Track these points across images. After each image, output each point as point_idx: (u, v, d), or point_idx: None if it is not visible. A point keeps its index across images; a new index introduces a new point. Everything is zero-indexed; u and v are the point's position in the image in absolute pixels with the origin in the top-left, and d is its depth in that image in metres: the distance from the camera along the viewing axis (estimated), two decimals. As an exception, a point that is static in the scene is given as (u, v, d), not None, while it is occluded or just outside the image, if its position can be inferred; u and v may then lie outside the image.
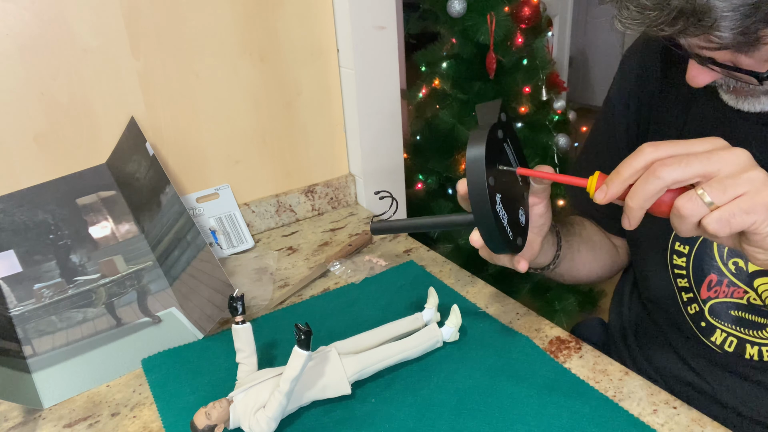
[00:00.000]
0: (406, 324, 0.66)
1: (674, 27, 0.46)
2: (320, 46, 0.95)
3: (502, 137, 0.52)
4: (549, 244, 0.66)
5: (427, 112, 1.79)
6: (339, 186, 1.05)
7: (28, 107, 0.77)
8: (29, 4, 0.73)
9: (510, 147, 0.54)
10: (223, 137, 0.92)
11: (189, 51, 0.85)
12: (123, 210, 0.84)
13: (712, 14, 0.44)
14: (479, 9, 1.58)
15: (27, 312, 0.74)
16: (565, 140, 1.76)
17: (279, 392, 0.53)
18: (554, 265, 0.68)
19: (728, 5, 0.44)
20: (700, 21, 0.45)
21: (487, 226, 0.49)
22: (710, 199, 0.42)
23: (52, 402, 0.63)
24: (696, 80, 0.54)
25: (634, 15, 0.48)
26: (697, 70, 0.53)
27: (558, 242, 0.68)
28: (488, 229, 0.49)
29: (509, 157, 0.53)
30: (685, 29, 0.46)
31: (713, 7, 0.44)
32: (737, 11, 0.44)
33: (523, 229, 0.55)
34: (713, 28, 0.45)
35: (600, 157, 0.78)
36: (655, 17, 0.46)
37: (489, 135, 0.48)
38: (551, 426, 0.54)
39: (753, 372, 0.64)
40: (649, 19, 0.47)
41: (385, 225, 0.58)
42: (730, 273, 0.63)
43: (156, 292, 0.78)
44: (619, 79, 0.75)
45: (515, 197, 0.54)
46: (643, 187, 0.44)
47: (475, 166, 0.47)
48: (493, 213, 0.48)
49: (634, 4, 0.47)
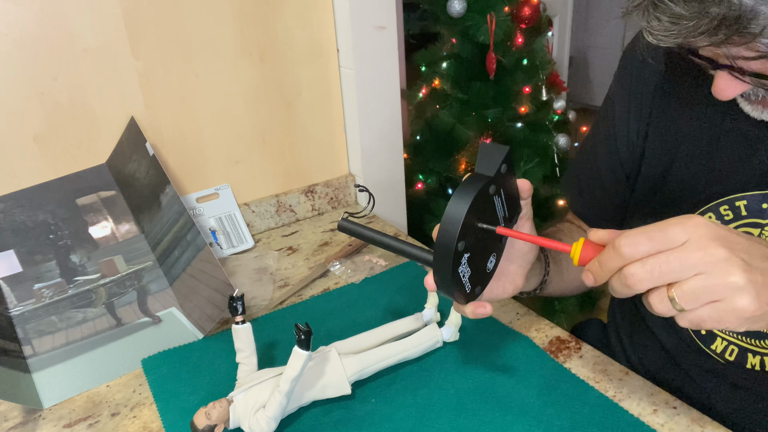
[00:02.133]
0: (406, 324, 0.66)
1: (715, 37, 0.42)
2: (320, 46, 0.95)
3: (494, 192, 0.50)
4: (535, 273, 0.64)
5: (427, 112, 1.79)
6: (339, 186, 1.05)
7: (28, 107, 0.77)
8: (29, 4, 0.73)
9: (501, 197, 0.51)
10: (223, 137, 0.92)
11: (189, 51, 0.85)
12: (123, 210, 0.84)
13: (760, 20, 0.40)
14: (479, 9, 1.58)
15: (27, 312, 0.74)
16: (565, 140, 1.76)
17: (279, 392, 0.53)
18: (540, 290, 0.67)
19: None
20: (746, 28, 0.41)
21: (443, 282, 0.49)
22: (681, 307, 0.42)
23: (52, 402, 0.63)
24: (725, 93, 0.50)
25: (667, 26, 0.43)
26: (727, 82, 0.49)
27: (545, 266, 0.66)
28: (444, 286, 0.49)
29: (497, 209, 0.51)
30: (728, 38, 0.42)
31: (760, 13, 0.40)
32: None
33: (487, 276, 0.54)
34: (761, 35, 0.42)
35: (599, 157, 0.78)
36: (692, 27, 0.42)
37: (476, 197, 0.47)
38: (551, 426, 0.54)
39: (753, 382, 0.63)
40: (686, 30, 0.43)
41: (353, 226, 0.55)
42: None
43: (156, 292, 0.78)
44: (619, 79, 0.74)
45: (490, 245, 0.53)
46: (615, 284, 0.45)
47: (449, 228, 0.46)
48: (451, 276, 0.47)
49: (667, 15, 0.43)
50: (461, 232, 0.46)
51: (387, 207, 1.08)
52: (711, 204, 0.62)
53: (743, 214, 0.60)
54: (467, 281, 0.50)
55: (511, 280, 0.58)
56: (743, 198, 0.60)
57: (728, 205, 0.61)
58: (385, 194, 1.07)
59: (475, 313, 0.54)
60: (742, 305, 0.41)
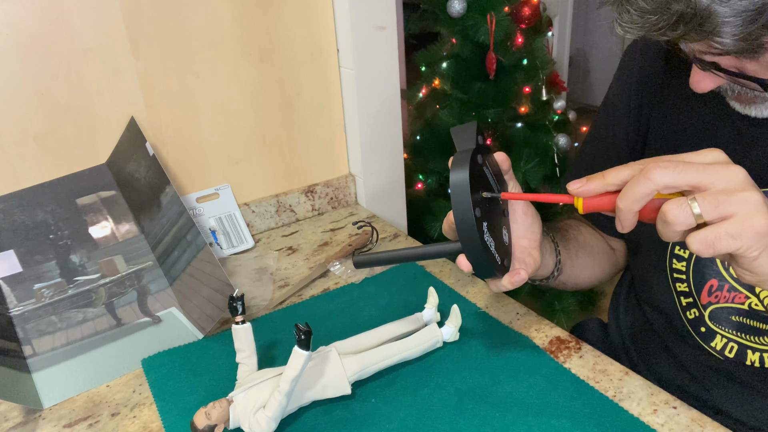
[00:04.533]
0: (406, 324, 0.66)
1: (675, 32, 0.46)
2: (320, 46, 0.95)
3: (482, 162, 0.52)
4: (548, 252, 0.65)
5: (427, 112, 1.79)
6: (339, 186, 1.05)
7: (28, 107, 0.77)
8: (29, 3, 0.73)
9: (489, 169, 0.53)
10: (223, 137, 0.92)
11: (189, 51, 0.85)
12: (123, 210, 0.84)
13: (714, 20, 0.43)
14: (479, 9, 1.58)
15: (27, 312, 0.74)
16: (565, 140, 1.75)
17: (279, 392, 0.53)
18: (558, 272, 0.67)
19: (730, 11, 0.43)
20: (701, 26, 0.44)
21: (477, 257, 0.49)
22: (699, 211, 0.41)
23: (52, 402, 0.63)
24: (699, 86, 0.53)
25: (634, 19, 0.47)
26: (701, 75, 0.52)
27: (556, 248, 0.68)
28: (479, 260, 0.49)
29: (489, 180, 0.53)
30: (686, 34, 0.46)
31: (714, 13, 0.43)
32: (739, 17, 0.43)
33: (508, 248, 0.55)
34: (714, 34, 0.45)
35: (599, 157, 0.78)
36: (655, 21, 0.45)
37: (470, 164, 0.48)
38: (551, 426, 0.54)
39: (753, 379, 0.63)
40: (649, 24, 0.46)
41: (368, 258, 0.57)
42: (731, 278, 0.63)
43: (156, 292, 0.78)
44: (618, 79, 0.74)
45: (498, 219, 0.54)
46: (633, 188, 0.43)
47: (461, 198, 0.47)
48: (482, 244, 0.48)
49: (634, 8, 0.46)
50: (473, 198, 0.47)
51: (387, 207, 1.08)
52: None
53: None
54: (495, 252, 0.51)
55: (528, 253, 0.58)
56: None
57: None
58: (385, 194, 1.07)
59: (512, 282, 0.54)
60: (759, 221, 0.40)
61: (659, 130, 0.69)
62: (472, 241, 0.48)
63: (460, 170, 0.48)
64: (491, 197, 0.52)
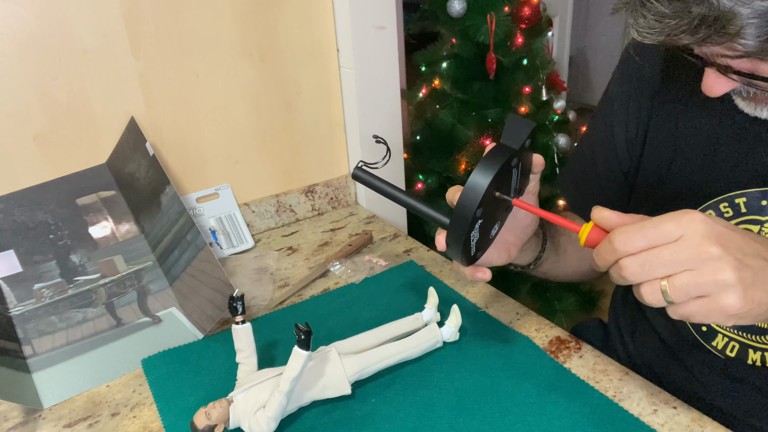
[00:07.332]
0: (406, 324, 0.66)
1: (695, 36, 0.44)
2: (320, 46, 0.95)
3: (515, 164, 0.52)
4: (530, 249, 0.66)
5: (427, 112, 1.79)
6: (339, 186, 1.05)
7: (28, 107, 0.77)
8: (29, 4, 0.73)
9: (518, 170, 0.53)
10: (223, 137, 0.92)
11: (189, 51, 0.85)
12: (123, 210, 0.84)
13: (737, 21, 0.42)
14: (479, 9, 1.58)
15: (27, 312, 0.74)
16: (565, 140, 1.76)
17: (279, 392, 0.53)
18: (534, 266, 0.68)
19: (753, 12, 0.42)
20: (724, 28, 0.43)
21: (454, 246, 0.51)
22: (671, 299, 0.44)
23: (52, 402, 0.63)
24: (713, 90, 0.52)
25: (652, 24, 0.45)
26: (715, 79, 0.51)
27: (542, 244, 0.68)
28: (454, 249, 0.51)
29: (513, 180, 0.53)
30: (708, 38, 0.44)
31: (738, 14, 0.42)
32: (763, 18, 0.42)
33: (489, 242, 0.56)
34: (738, 36, 0.43)
35: (597, 156, 0.78)
36: (675, 26, 0.44)
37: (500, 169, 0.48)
38: (551, 426, 0.54)
39: (754, 377, 0.63)
40: (668, 28, 0.45)
41: (368, 176, 0.57)
42: None
43: (156, 292, 0.78)
44: (618, 77, 0.74)
45: (498, 214, 0.55)
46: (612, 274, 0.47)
47: (471, 195, 0.48)
48: (466, 240, 0.50)
49: (652, 13, 0.45)
50: (482, 201, 0.48)
51: (387, 207, 1.08)
52: (711, 201, 0.62)
53: (743, 212, 0.60)
54: (474, 245, 0.52)
55: (505, 249, 0.60)
56: (743, 195, 0.60)
57: (728, 202, 0.61)
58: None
59: (474, 276, 0.56)
60: (729, 303, 0.42)
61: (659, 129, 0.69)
62: (458, 235, 0.50)
63: (485, 174, 0.48)
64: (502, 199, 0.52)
